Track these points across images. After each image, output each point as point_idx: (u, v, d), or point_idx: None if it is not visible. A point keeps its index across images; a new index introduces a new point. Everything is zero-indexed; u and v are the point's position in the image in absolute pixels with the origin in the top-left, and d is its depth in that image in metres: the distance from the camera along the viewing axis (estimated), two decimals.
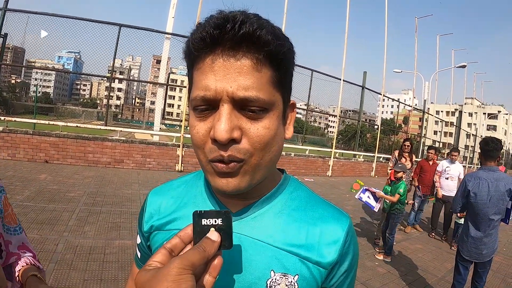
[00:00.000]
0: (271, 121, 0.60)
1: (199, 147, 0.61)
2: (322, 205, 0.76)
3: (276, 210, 0.72)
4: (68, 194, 6.50)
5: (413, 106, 25.46)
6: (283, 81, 0.63)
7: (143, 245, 0.85)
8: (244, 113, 0.58)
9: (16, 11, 10.33)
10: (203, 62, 0.58)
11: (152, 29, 11.89)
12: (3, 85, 32.08)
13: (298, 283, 0.67)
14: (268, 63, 0.58)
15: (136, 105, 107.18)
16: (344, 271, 0.72)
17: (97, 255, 4.11)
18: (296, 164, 14.13)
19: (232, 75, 0.56)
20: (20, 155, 9.23)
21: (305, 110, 18.97)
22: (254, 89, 0.56)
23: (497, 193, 3.38)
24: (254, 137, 0.58)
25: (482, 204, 3.43)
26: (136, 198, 6.98)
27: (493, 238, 3.46)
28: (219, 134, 0.55)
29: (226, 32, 0.55)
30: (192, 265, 0.48)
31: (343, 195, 10.87)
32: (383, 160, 18.33)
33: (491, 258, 3.54)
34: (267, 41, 0.56)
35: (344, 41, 16.26)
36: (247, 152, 0.58)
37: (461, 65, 26.32)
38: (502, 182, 3.38)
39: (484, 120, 63.31)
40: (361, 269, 4.84)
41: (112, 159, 10.29)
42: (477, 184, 3.50)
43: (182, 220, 0.76)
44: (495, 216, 3.41)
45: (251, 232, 0.69)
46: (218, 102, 0.57)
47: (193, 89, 0.60)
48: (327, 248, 0.69)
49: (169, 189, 0.84)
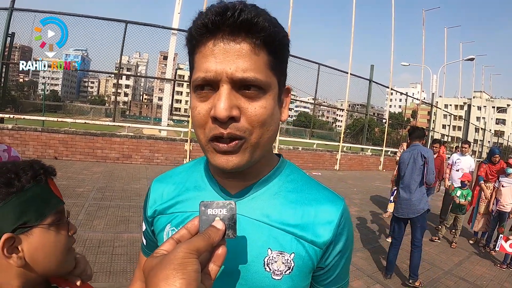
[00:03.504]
0: (268, 101, 0.63)
1: (200, 127, 0.64)
2: (317, 187, 0.79)
3: (273, 191, 0.75)
4: (77, 189, 6.59)
5: (421, 100, 25.26)
6: (278, 66, 0.66)
7: (148, 231, 0.89)
8: (242, 93, 0.61)
9: (22, 10, 10.41)
10: (204, 46, 0.62)
11: (158, 25, 11.90)
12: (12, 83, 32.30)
13: (294, 261, 0.70)
14: (265, 48, 0.62)
15: (144, 101, 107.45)
16: (339, 251, 0.74)
17: (106, 248, 4.18)
18: (304, 158, 14.11)
19: (231, 57, 0.59)
20: (30, 152, 9.33)
21: (313, 104, 18.88)
22: (252, 71, 0.60)
23: (414, 159, 4.33)
24: (252, 116, 0.61)
25: (406, 170, 4.40)
26: (145, 192, 6.96)
27: (417, 198, 4.26)
28: (219, 112, 0.58)
29: (226, 18, 0.58)
30: (197, 250, 0.50)
31: (350, 188, 10.86)
32: (391, 154, 18.19)
33: (420, 216, 4.24)
34: (264, 27, 0.59)
35: (351, 34, 16.15)
36: (246, 130, 0.62)
37: (469, 58, 25.95)
38: (417, 149, 4.37)
39: (493, 114, 62.50)
40: (367, 261, 4.85)
41: (120, 154, 10.38)
42: (403, 157, 4.54)
43: (184, 203, 0.79)
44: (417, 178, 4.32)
45: (249, 212, 0.72)
46: (218, 83, 0.60)
47: (195, 71, 0.64)
48: (322, 228, 0.72)
49: (171, 176, 0.88)
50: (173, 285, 0.45)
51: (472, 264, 5.34)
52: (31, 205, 0.80)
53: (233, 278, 0.70)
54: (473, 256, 5.81)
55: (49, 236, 0.83)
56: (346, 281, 0.82)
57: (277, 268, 0.69)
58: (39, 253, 0.81)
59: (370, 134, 26.03)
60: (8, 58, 10.91)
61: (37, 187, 0.83)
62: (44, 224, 0.82)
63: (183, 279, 0.45)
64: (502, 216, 5.84)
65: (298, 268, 0.70)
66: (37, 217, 0.81)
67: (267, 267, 0.69)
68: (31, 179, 0.82)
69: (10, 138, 9.15)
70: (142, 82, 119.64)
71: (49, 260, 0.84)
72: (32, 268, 0.81)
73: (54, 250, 0.84)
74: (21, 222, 0.77)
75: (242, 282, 0.70)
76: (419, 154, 4.31)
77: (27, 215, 0.79)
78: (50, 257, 0.84)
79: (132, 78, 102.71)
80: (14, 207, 0.77)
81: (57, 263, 0.86)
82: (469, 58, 25.98)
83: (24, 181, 0.80)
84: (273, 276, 0.69)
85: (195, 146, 11.29)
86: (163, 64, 59.21)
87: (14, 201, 0.77)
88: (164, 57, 65.17)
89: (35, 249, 0.80)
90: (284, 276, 0.70)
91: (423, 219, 4.28)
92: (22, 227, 0.78)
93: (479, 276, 4.85)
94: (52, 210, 0.85)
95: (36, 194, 0.82)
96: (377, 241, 5.87)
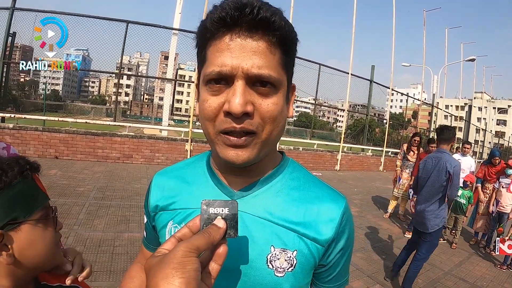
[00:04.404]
0: (279, 98, 0.65)
1: (209, 120, 0.64)
2: (320, 185, 0.80)
3: (276, 189, 0.76)
4: (78, 189, 6.59)
5: (422, 100, 25.22)
6: (289, 64, 0.68)
7: (149, 224, 0.90)
8: (256, 89, 0.62)
9: (24, 10, 10.41)
10: (220, 40, 0.62)
11: (159, 25, 11.87)
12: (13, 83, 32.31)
13: (297, 258, 0.71)
14: (279, 47, 0.63)
15: (145, 101, 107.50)
16: (340, 249, 0.75)
17: (106, 247, 4.19)
18: (304, 158, 14.09)
19: (247, 54, 0.60)
20: (31, 152, 9.33)
21: (314, 105, 18.87)
22: (267, 68, 0.61)
23: (438, 172, 3.89)
24: (264, 112, 0.62)
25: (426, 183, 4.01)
26: (145, 192, 6.97)
27: (432, 213, 3.89)
28: (235, 108, 0.59)
29: (245, 14, 0.59)
30: (197, 248, 0.50)
31: (351, 189, 10.85)
32: (392, 155, 18.17)
33: (433, 232, 3.87)
34: (281, 26, 0.61)
35: (352, 34, 16.12)
36: (259, 125, 0.63)
37: (470, 58, 25.88)
38: (443, 161, 3.87)
39: (494, 114, 62.40)
40: (367, 262, 4.85)
41: (121, 154, 10.38)
42: (426, 165, 4.08)
43: (186, 199, 0.79)
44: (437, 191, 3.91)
45: (252, 210, 0.73)
46: (233, 78, 0.61)
47: (207, 65, 0.64)
48: (324, 225, 0.73)
49: (173, 170, 0.89)
50: (173, 284, 0.45)
51: (472, 265, 5.34)
52: (18, 201, 0.79)
53: (236, 275, 0.70)
54: (473, 257, 5.81)
55: (37, 232, 0.83)
56: (346, 279, 0.83)
57: (280, 265, 0.70)
58: (28, 249, 0.80)
59: (371, 135, 26.01)
60: (9, 58, 10.91)
61: (24, 182, 0.82)
62: (32, 220, 0.81)
63: (182, 278, 0.46)
64: (502, 217, 5.84)
65: (300, 265, 0.71)
66: (26, 213, 0.80)
67: (270, 264, 0.70)
68: (17, 175, 0.81)
69: (11, 138, 9.14)
70: (143, 82, 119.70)
71: (38, 256, 0.83)
72: (21, 265, 0.80)
73: (42, 246, 0.84)
74: (9, 219, 0.77)
75: (245, 279, 0.70)
76: (444, 168, 3.81)
77: (16, 211, 0.78)
78: (39, 253, 0.83)
79: (133, 78, 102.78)
80: (2, 203, 0.76)
81: (45, 258, 0.86)
82: (470, 58, 25.91)
83: (11, 176, 0.79)
84: (275, 273, 0.70)
85: (195, 146, 11.29)
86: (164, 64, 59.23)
87: (1, 197, 0.76)
88: (165, 57, 65.28)
89: (24, 246, 0.79)
90: (287, 273, 0.70)
91: (435, 236, 3.91)
92: (11, 224, 0.77)
93: (479, 277, 4.85)
94: (40, 206, 0.84)
95: (23, 190, 0.81)
96: (377, 242, 5.87)
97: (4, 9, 10.31)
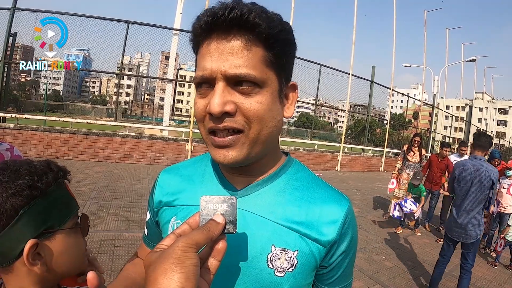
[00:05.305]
0: (264, 97, 0.64)
1: (200, 121, 0.68)
2: (323, 186, 0.79)
3: (279, 188, 0.76)
4: (78, 189, 6.59)
5: (422, 101, 25.23)
6: (277, 61, 0.66)
7: (152, 220, 0.90)
8: (238, 89, 0.63)
9: (24, 10, 10.42)
10: (202, 46, 0.65)
11: (160, 25, 11.90)
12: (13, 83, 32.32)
13: (298, 259, 0.70)
14: (260, 44, 0.63)
15: (146, 101, 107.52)
16: (343, 251, 0.75)
17: (107, 247, 4.19)
18: (305, 158, 14.07)
19: (225, 55, 0.61)
20: (31, 152, 9.34)
21: (314, 105, 18.86)
22: (245, 67, 0.61)
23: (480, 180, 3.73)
24: (247, 111, 0.63)
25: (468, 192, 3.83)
26: (146, 192, 7.03)
27: (475, 223, 3.76)
28: (213, 107, 0.61)
29: (218, 18, 0.60)
30: (196, 243, 0.50)
31: (351, 189, 10.85)
32: (392, 155, 18.16)
33: (476, 242, 3.80)
34: (255, 23, 0.61)
35: (353, 34, 16.12)
36: (245, 124, 0.63)
37: (471, 59, 25.87)
38: (483, 168, 3.75)
39: (495, 115, 62.19)
40: (368, 262, 4.85)
41: (122, 154, 10.39)
42: (464, 174, 3.88)
43: (189, 196, 0.80)
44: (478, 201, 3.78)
45: (254, 208, 0.73)
46: (214, 80, 0.63)
47: (196, 70, 0.67)
48: (326, 227, 0.72)
49: (179, 168, 0.90)
50: (172, 279, 0.45)
51: None
52: (54, 209, 0.77)
53: (236, 274, 0.70)
54: None
55: (70, 240, 0.81)
56: (350, 282, 0.83)
57: (280, 265, 0.70)
58: (60, 257, 0.78)
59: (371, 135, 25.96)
60: (10, 58, 10.92)
61: (58, 189, 0.80)
62: (66, 228, 0.80)
63: (181, 273, 0.46)
64: (502, 218, 5.84)
65: (301, 265, 0.71)
66: (60, 221, 0.78)
67: (270, 263, 0.70)
68: (52, 181, 0.78)
69: (12, 138, 9.15)
70: (144, 82, 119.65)
71: (69, 263, 0.82)
72: (52, 273, 0.78)
73: (75, 253, 0.83)
74: (45, 227, 0.74)
75: (245, 278, 0.70)
76: (488, 177, 3.69)
77: (51, 220, 0.76)
78: (70, 261, 0.82)
79: (134, 78, 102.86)
80: (39, 212, 0.74)
81: (74, 266, 0.84)
82: (470, 59, 25.90)
83: (46, 183, 0.76)
84: (276, 273, 0.70)
85: (196, 146, 11.30)
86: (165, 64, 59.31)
87: (38, 205, 0.73)
88: (166, 57, 65.31)
89: (56, 254, 0.77)
90: (287, 273, 0.70)
91: (477, 244, 3.86)
92: (46, 232, 0.75)
93: (479, 277, 4.85)
94: (72, 213, 0.83)
95: (58, 198, 0.79)
96: (377, 242, 5.87)
97: (5, 9, 10.33)
